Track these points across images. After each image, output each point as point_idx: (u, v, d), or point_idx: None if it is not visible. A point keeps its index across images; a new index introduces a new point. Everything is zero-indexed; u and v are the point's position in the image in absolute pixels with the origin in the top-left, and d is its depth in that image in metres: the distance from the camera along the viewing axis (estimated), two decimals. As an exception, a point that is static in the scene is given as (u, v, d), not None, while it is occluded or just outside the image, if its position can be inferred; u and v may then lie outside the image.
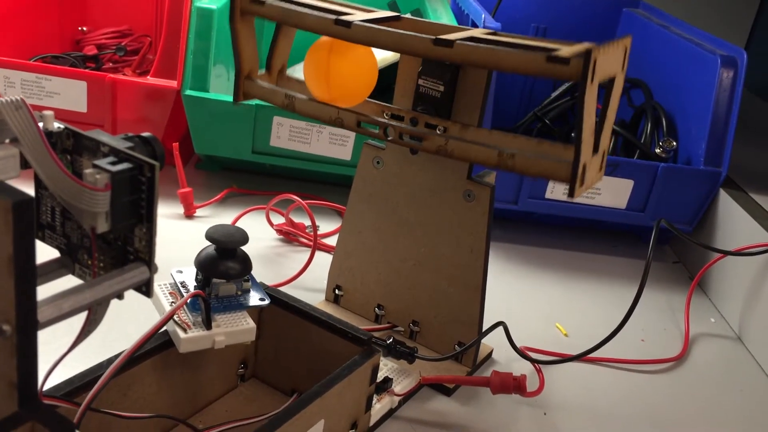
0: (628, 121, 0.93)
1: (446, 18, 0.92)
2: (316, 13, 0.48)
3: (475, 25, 0.83)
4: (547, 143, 0.46)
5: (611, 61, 0.41)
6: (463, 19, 0.95)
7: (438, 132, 0.49)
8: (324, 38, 0.50)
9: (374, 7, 0.53)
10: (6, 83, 0.78)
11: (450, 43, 0.43)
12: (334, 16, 0.47)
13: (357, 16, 0.48)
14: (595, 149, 0.43)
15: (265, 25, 1.01)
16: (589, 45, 0.41)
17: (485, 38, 0.44)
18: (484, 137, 0.48)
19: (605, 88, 0.43)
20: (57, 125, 0.32)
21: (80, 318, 0.32)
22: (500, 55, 0.41)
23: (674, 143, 0.82)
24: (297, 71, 0.95)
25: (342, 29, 0.47)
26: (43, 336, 0.29)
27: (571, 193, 0.43)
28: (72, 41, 1.06)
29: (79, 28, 1.07)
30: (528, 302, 0.70)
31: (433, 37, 0.43)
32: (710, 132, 0.77)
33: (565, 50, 0.40)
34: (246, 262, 0.44)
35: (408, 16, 0.52)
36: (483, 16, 0.79)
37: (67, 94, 0.79)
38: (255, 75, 0.53)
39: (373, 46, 0.47)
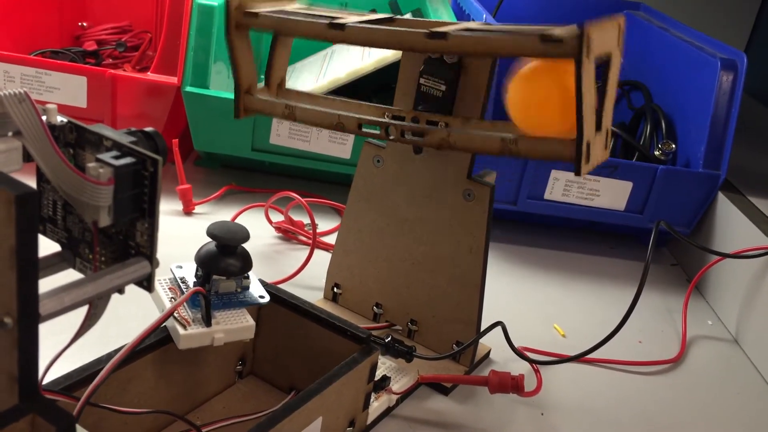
0: (627, 123, 0.93)
1: (447, 18, 0.92)
2: (309, 19, 0.48)
3: (476, 26, 0.83)
4: None
5: (606, 37, 0.41)
6: (464, 19, 0.95)
7: (440, 127, 0.49)
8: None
9: (375, 6, 0.53)
10: (6, 78, 0.78)
11: (444, 35, 0.43)
12: (327, 21, 0.47)
13: (350, 19, 0.48)
14: (598, 127, 0.43)
15: (263, 38, 1.01)
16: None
17: (479, 28, 0.44)
18: (487, 127, 0.48)
19: (602, 69, 0.43)
20: (60, 119, 0.32)
21: (79, 312, 0.32)
22: (495, 41, 0.41)
23: (673, 146, 0.82)
24: (296, 69, 0.95)
25: (336, 32, 0.47)
26: (43, 330, 0.29)
27: (577, 171, 0.42)
28: (72, 36, 1.06)
29: (79, 24, 1.07)
30: (526, 302, 0.70)
31: (427, 31, 0.43)
32: (709, 135, 0.77)
33: (558, 30, 0.40)
34: (246, 260, 0.44)
35: (407, 16, 0.52)
36: (484, 16, 0.79)
37: (66, 89, 0.79)
38: (254, 90, 0.53)
39: (369, 46, 0.47)
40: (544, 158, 0.44)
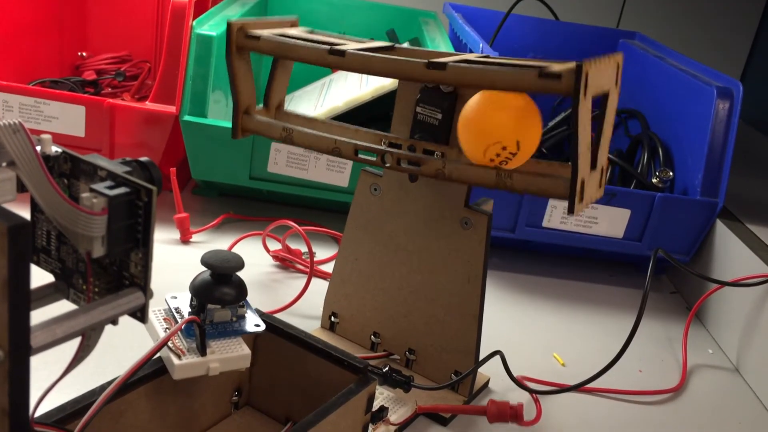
0: (624, 150, 0.93)
1: (444, 47, 0.92)
2: (310, 44, 0.48)
3: (473, 55, 0.84)
4: (544, 162, 0.46)
5: (603, 75, 0.41)
6: (461, 48, 0.96)
7: (436, 157, 0.49)
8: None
9: (373, 34, 0.54)
10: (4, 107, 0.79)
11: (443, 66, 0.43)
12: (327, 47, 0.48)
13: (350, 46, 0.48)
14: (593, 165, 0.43)
15: (263, 60, 1.02)
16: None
17: (477, 60, 0.44)
18: None
19: (600, 106, 0.43)
20: (55, 149, 0.32)
21: (73, 343, 0.31)
22: (493, 74, 0.42)
23: (671, 173, 0.82)
24: (295, 98, 0.96)
25: (337, 58, 0.47)
26: (36, 360, 0.29)
27: (570, 210, 0.42)
28: (71, 66, 1.07)
29: (79, 54, 1.07)
30: (525, 331, 0.70)
31: (426, 61, 0.44)
32: (707, 162, 0.77)
33: (557, 66, 0.40)
34: (241, 288, 0.44)
35: (404, 45, 0.52)
36: (481, 45, 0.80)
37: (65, 118, 0.79)
38: (253, 110, 0.53)
39: (368, 73, 0.47)
40: (539, 194, 0.44)
